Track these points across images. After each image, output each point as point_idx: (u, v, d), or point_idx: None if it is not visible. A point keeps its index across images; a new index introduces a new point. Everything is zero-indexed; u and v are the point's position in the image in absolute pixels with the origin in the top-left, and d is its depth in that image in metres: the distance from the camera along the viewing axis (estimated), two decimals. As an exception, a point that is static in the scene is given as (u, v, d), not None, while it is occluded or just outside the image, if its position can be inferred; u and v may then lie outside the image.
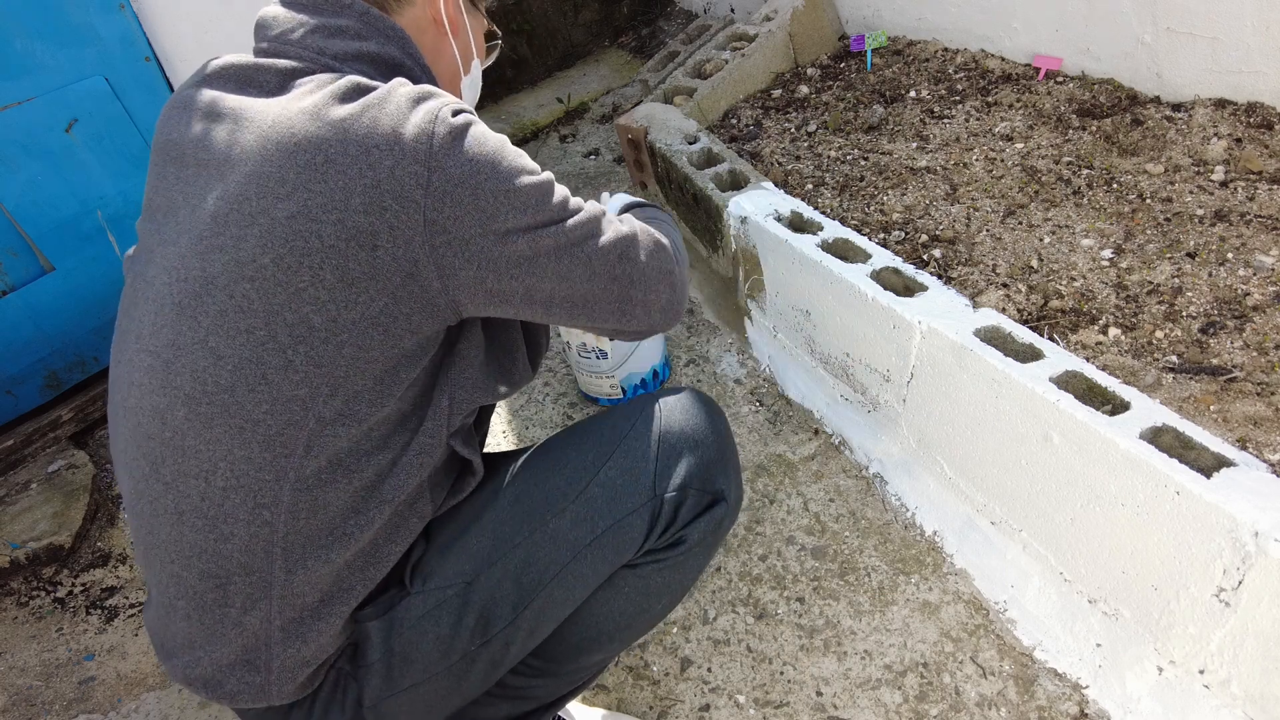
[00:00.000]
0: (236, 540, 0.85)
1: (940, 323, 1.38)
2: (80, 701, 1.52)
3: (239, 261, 0.81)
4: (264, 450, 0.84)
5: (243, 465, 0.84)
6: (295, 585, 0.87)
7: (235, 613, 0.87)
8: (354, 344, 0.83)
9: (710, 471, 1.04)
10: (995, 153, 1.90)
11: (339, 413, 0.85)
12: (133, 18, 1.86)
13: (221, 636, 0.88)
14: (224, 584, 0.87)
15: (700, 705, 1.34)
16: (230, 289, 0.81)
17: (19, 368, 1.95)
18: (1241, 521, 1.01)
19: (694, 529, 1.03)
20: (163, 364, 0.85)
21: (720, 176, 1.95)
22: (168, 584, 0.90)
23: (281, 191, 0.80)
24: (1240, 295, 1.43)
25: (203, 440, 0.84)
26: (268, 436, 0.83)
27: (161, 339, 0.86)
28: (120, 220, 1.97)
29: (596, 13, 3.47)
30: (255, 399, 0.83)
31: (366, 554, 0.91)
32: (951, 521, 1.48)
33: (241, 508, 0.85)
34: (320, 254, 0.80)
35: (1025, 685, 1.28)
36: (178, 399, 0.84)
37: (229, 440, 0.84)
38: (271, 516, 0.84)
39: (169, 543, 0.88)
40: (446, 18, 1.04)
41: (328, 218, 0.80)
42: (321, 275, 0.80)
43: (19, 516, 1.80)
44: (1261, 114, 1.74)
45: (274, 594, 0.86)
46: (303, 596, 0.87)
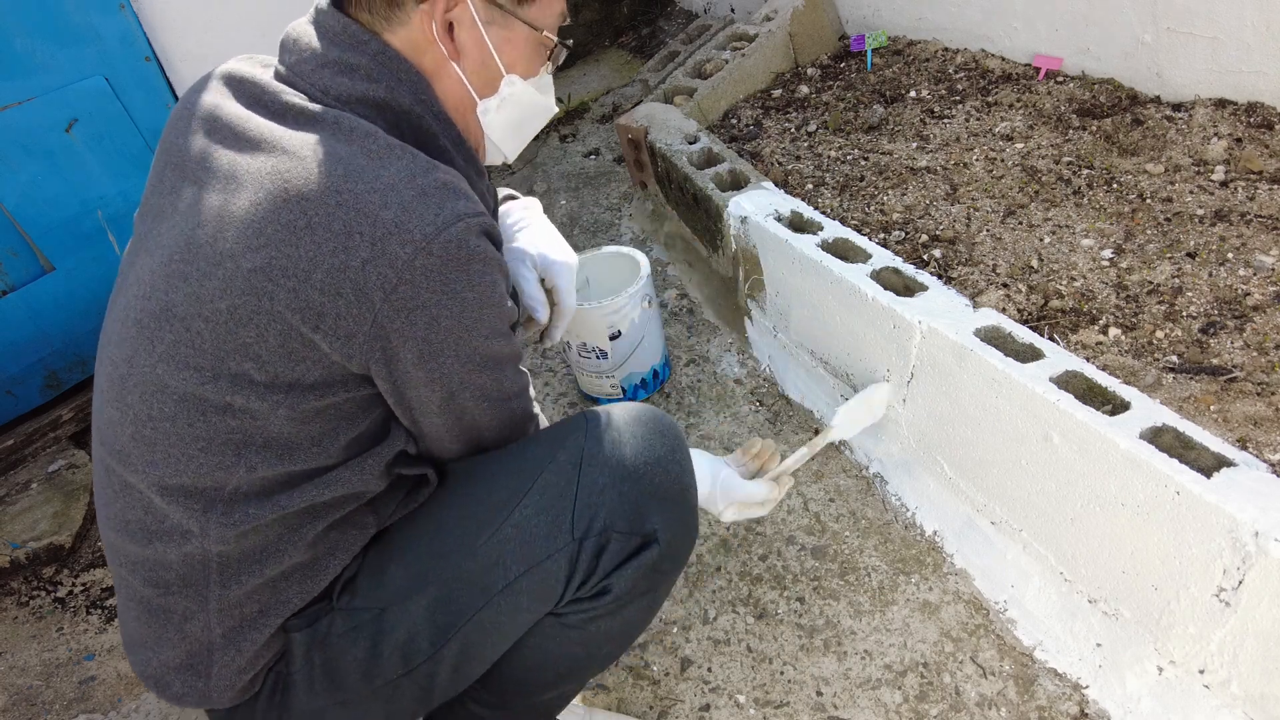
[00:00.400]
0: (172, 557, 0.87)
1: (940, 323, 1.38)
2: (80, 701, 1.52)
3: (199, 298, 0.80)
4: (194, 482, 0.85)
5: (175, 493, 0.85)
6: (230, 598, 0.88)
7: (177, 619, 0.89)
8: (289, 405, 0.82)
9: (641, 509, 0.92)
10: (995, 153, 1.90)
11: (269, 464, 0.85)
12: (133, 18, 1.86)
13: (166, 641, 0.90)
14: (165, 593, 0.88)
15: (700, 705, 1.34)
16: (187, 323, 0.81)
17: (19, 367, 1.95)
18: (1241, 521, 1.01)
19: (619, 577, 0.92)
20: (119, 377, 0.87)
21: (720, 176, 1.95)
22: (121, 587, 0.93)
23: (255, 243, 0.78)
24: (1240, 295, 1.43)
25: (144, 461, 0.85)
26: (199, 472, 0.84)
27: (122, 352, 0.87)
28: (120, 220, 1.97)
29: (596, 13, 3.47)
30: (192, 434, 0.83)
31: (304, 568, 0.90)
32: (951, 521, 1.48)
33: (175, 530, 0.86)
34: (269, 315, 0.78)
35: (1025, 685, 1.28)
36: (127, 415, 0.86)
37: (165, 467, 0.85)
38: (202, 542, 0.86)
39: (119, 549, 0.91)
40: (444, 40, 0.91)
41: (286, 283, 0.78)
42: (266, 337, 0.79)
43: (19, 516, 1.80)
44: (1262, 114, 1.74)
45: (210, 606, 0.88)
46: (240, 608, 0.88)
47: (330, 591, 0.93)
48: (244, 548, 0.87)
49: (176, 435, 0.83)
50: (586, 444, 0.93)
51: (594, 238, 2.44)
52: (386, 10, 0.89)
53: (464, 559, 0.91)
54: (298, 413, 0.83)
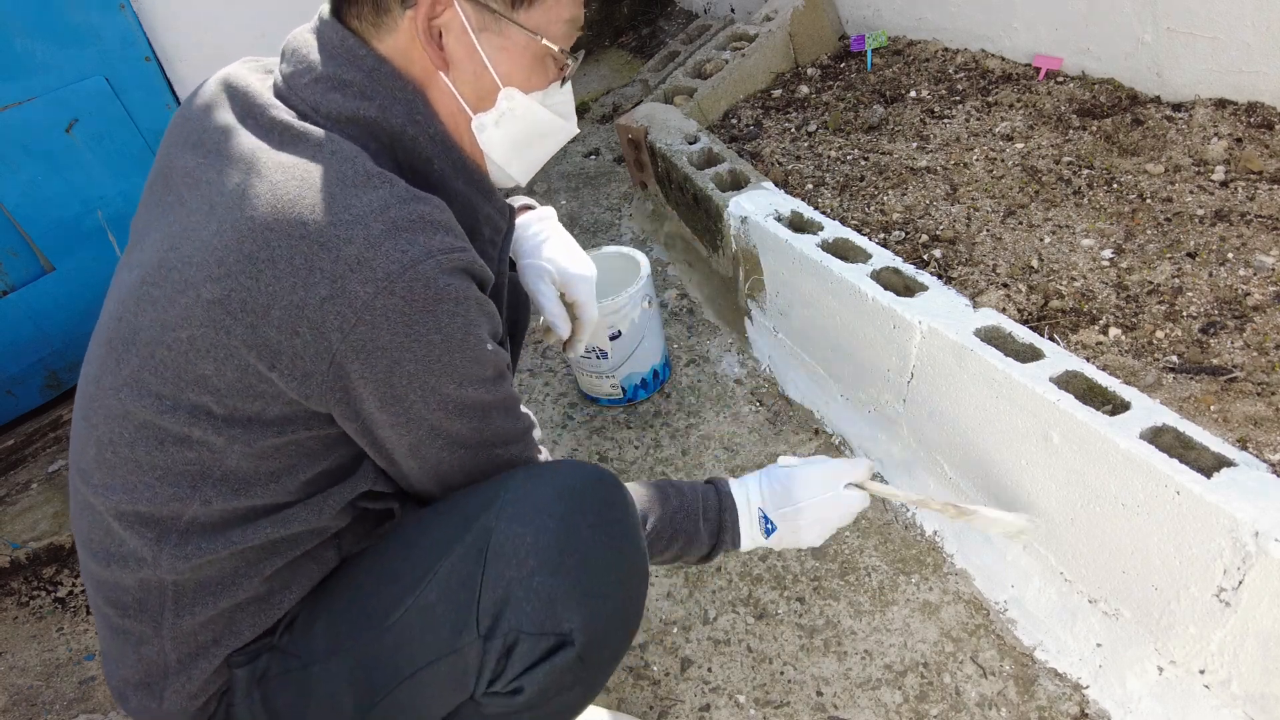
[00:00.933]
0: (129, 581, 0.86)
1: (940, 323, 1.38)
2: (81, 701, 1.52)
3: (163, 324, 0.78)
4: (150, 510, 0.83)
5: (130, 519, 0.84)
6: (184, 627, 0.87)
7: (134, 641, 0.89)
8: (246, 441, 0.80)
9: (554, 605, 0.80)
10: (995, 153, 1.90)
11: (225, 498, 0.83)
12: (133, 18, 1.86)
13: (124, 659, 0.90)
14: (123, 614, 0.88)
15: (700, 705, 1.34)
16: (151, 349, 0.79)
17: (19, 367, 1.95)
18: (1242, 521, 1.01)
19: (530, 680, 0.81)
20: (88, 396, 0.86)
21: (720, 176, 1.95)
22: (90, 599, 0.93)
23: (216, 272, 0.75)
24: (1240, 295, 1.43)
25: (104, 485, 0.84)
26: (155, 501, 0.83)
27: (92, 370, 0.86)
28: (121, 220, 1.97)
29: (596, 13, 3.47)
30: (151, 462, 0.81)
31: (259, 600, 0.89)
32: (951, 521, 1.48)
33: (130, 556, 0.85)
34: (226, 350, 0.76)
35: (1025, 685, 1.28)
36: (91, 436, 0.85)
37: (122, 493, 0.83)
38: (154, 571, 0.85)
39: (84, 564, 0.91)
40: (430, 48, 0.85)
41: (244, 318, 0.74)
42: (224, 371, 0.77)
43: (19, 516, 1.80)
44: (1262, 114, 1.74)
45: (164, 632, 0.87)
46: (194, 636, 0.88)
47: (276, 626, 0.91)
48: (199, 578, 0.85)
49: (135, 462, 0.82)
50: (497, 525, 0.82)
51: (594, 238, 2.44)
52: (374, 17, 0.84)
53: (377, 635, 0.85)
54: (255, 449, 0.80)
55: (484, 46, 0.87)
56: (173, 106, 1.97)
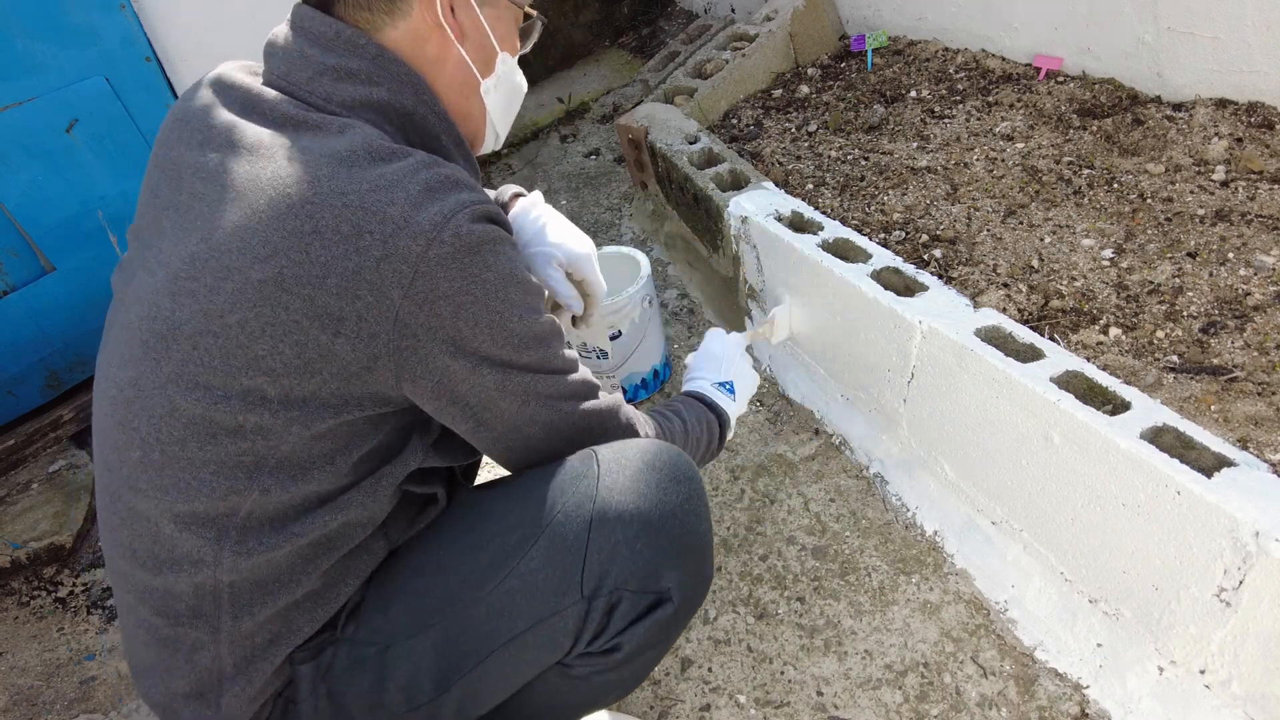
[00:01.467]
0: (183, 587, 0.85)
1: (941, 322, 1.38)
2: (81, 701, 1.52)
3: (207, 313, 0.78)
4: (207, 508, 0.82)
5: (186, 519, 0.83)
6: (242, 629, 0.86)
7: (186, 650, 0.87)
8: (303, 422, 0.81)
9: (655, 565, 0.87)
10: (996, 153, 1.90)
11: (283, 485, 0.83)
12: (133, 18, 1.86)
13: (175, 670, 0.88)
14: (174, 624, 0.86)
15: (701, 705, 1.34)
16: (195, 340, 0.79)
17: (20, 367, 1.95)
18: (1242, 521, 1.01)
19: (630, 636, 0.89)
20: (124, 400, 0.84)
21: (721, 176, 1.95)
22: (127, 613, 0.90)
23: (262, 253, 0.77)
24: (1241, 295, 1.42)
25: (153, 486, 0.83)
26: (212, 497, 0.82)
27: (126, 374, 0.85)
28: (121, 220, 1.97)
29: (597, 13, 3.47)
30: (204, 458, 0.81)
31: (315, 595, 0.89)
32: (952, 521, 1.48)
33: (186, 559, 0.84)
34: (284, 327, 0.77)
35: (1026, 685, 1.28)
36: (134, 439, 0.83)
37: (175, 493, 0.82)
38: (214, 571, 0.84)
39: (126, 576, 0.88)
40: (450, 22, 0.92)
41: (300, 291, 0.76)
42: (280, 349, 0.77)
43: (20, 516, 1.80)
44: (1262, 113, 1.74)
45: (222, 637, 0.86)
46: (251, 638, 0.87)
47: (336, 620, 0.92)
48: (257, 577, 0.85)
49: (186, 459, 0.81)
50: (599, 493, 0.87)
51: (594, 238, 2.44)
52: (388, 5, 0.88)
53: (469, 605, 0.88)
54: (311, 430, 0.81)
55: (485, 16, 0.95)
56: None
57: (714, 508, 1.64)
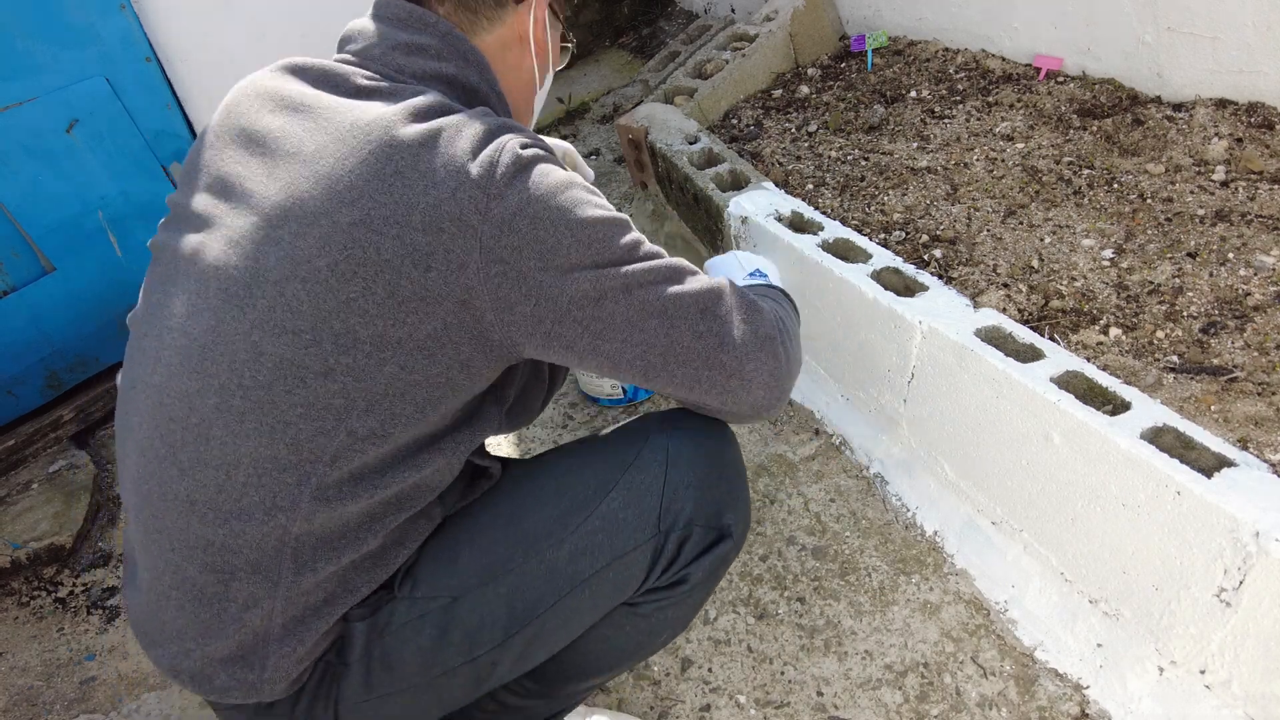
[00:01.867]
0: (248, 538, 0.84)
1: (941, 323, 1.38)
2: (81, 701, 1.52)
3: (294, 260, 0.80)
4: (290, 453, 0.82)
5: (267, 465, 0.83)
6: (302, 585, 0.86)
7: (235, 609, 0.86)
8: (397, 363, 0.82)
9: (719, 506, 0.99)
10: (996, 153, 1.90)
11: (372, 430, 0.83)
12: (133, 18, 1.86)
13: (217, 632, 0.86)
14: (228, 579, 0.85)
15: (701, 705, 1.34)
16: (281, 286, 0.81)
17: (20, 368, 1.95)
18: (1242, 521, 1.01)
19: (697, 567, 0.99)
20: (199, 349, 0.84)
21: (721, 176, 1.95)
22: (164, 572, 0.88)
23: (349, 197, 0.80)
24: (1241, 295, 1.42)
25: (230, 433, 0.83)
26: (296, 441, 0.82)
27: (200, 323, 0.84)
28: (121, 220, 1.97)
29: (597, 13, 3.47)
30: (291, 401, 0.81)
31: (374, 556, 0.89)
32: (952, 522, 1.48)
33: (259, 507, 0.83)
34: (375, 266, 0.79)
35: (1026, 685, 1.28)
36: (210, 387, 0.83)
37: (257, 438, 0.82)
38: (287, 520, 0.83)
39: (174, 531, 0.86)
40: (535, 37, 1.04)
41: (389, 230, 0.79)
42: (373, 289, 0.79)
43: (20, 516, 1.80)
44: (1262, 114, 1.74)
45: (279, 593, 0.85)
46: (307, 596, 0.87)
47: (391, 581, 0.93)
48: (326, 531, 0.85)
49: (272, 403, 0.82)
50: (671, 443, 0.98)
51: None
52: (492, 11, 0.98)
53: (549, 548, 0.94)
54: (404, 373, 0.82)
55: (550, 34, 1.09)
56: (173, 106, 1.97)
57: (714, 508, 1.65)
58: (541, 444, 1.85)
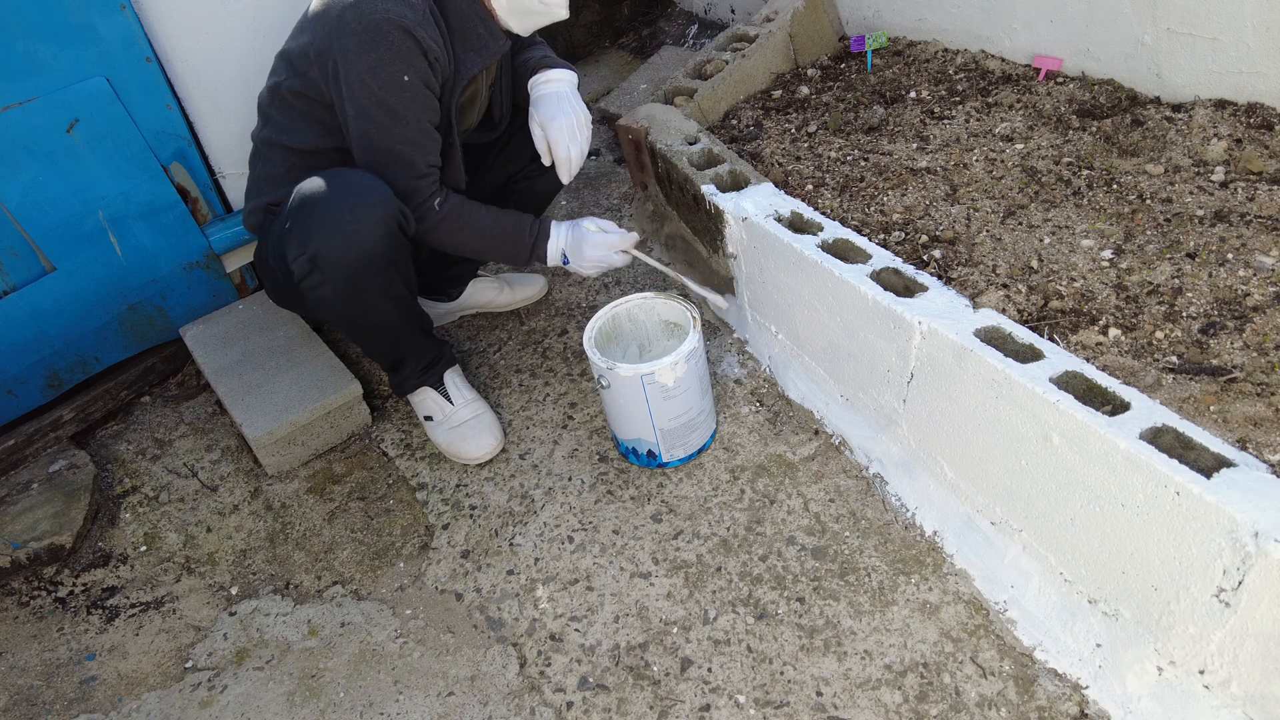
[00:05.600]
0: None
1: (940, 323, 1.38)
2: (81, 701, 1.52)
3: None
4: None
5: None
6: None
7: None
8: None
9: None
10: (995, 153, 1.90)
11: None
12: (134, 18, 1.86)
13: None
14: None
15: (700, 705, 1.34)
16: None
17: (20, 367, 1.95)
18: (1241, 522, 1.01)
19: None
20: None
21: (720, 177, 1.95)
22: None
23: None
24: (1240, 296, 1.43)
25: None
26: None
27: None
28: (121, 220, 1.97)
29: (597, 14, 3.47)
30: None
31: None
32: (951, 522, 1.48)
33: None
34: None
35: (1025, 685, 1.29)
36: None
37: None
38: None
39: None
40: None
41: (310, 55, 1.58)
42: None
43: (20, 516, 1.80)
44: (1261, 114, 1.75)
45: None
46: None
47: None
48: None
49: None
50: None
51: (594, 238, 2.44)
52: None
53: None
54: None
55: None
56: (173, 106, 1.97)
57: (713, 508, 1.64)
58: (541, 443, 1.85)
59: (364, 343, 1.82)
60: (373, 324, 1.71)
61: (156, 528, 1.83)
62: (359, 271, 1.56)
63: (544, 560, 1.62)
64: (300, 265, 1.55)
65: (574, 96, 1.80)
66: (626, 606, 1.51)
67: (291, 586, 1.67)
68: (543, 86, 1.79)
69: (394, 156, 1.56)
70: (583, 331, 1.78)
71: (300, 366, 1.97)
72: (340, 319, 1.71)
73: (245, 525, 1.81)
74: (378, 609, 1.59)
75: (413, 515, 1.77)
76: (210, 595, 1.68)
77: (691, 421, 1.67)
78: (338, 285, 1.57)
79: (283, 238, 1.58)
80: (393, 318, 1.72)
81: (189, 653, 1.58)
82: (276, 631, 1.59)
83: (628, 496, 1.70)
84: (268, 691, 1.49)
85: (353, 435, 1.96)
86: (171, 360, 2.19)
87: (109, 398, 2.08)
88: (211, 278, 2.17)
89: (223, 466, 1.94)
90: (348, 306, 1.63)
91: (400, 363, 1.83)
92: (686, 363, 1.59)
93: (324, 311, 1.69)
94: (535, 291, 2.24)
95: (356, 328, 1.74)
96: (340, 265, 1.54)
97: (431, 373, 1.85)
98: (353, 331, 1.78)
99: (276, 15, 1.99)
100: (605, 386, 1.63)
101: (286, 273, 1.61)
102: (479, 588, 1.60)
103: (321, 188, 1.54)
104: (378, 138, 1.53)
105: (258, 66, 1.90)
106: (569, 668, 1.43)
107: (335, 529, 1.77)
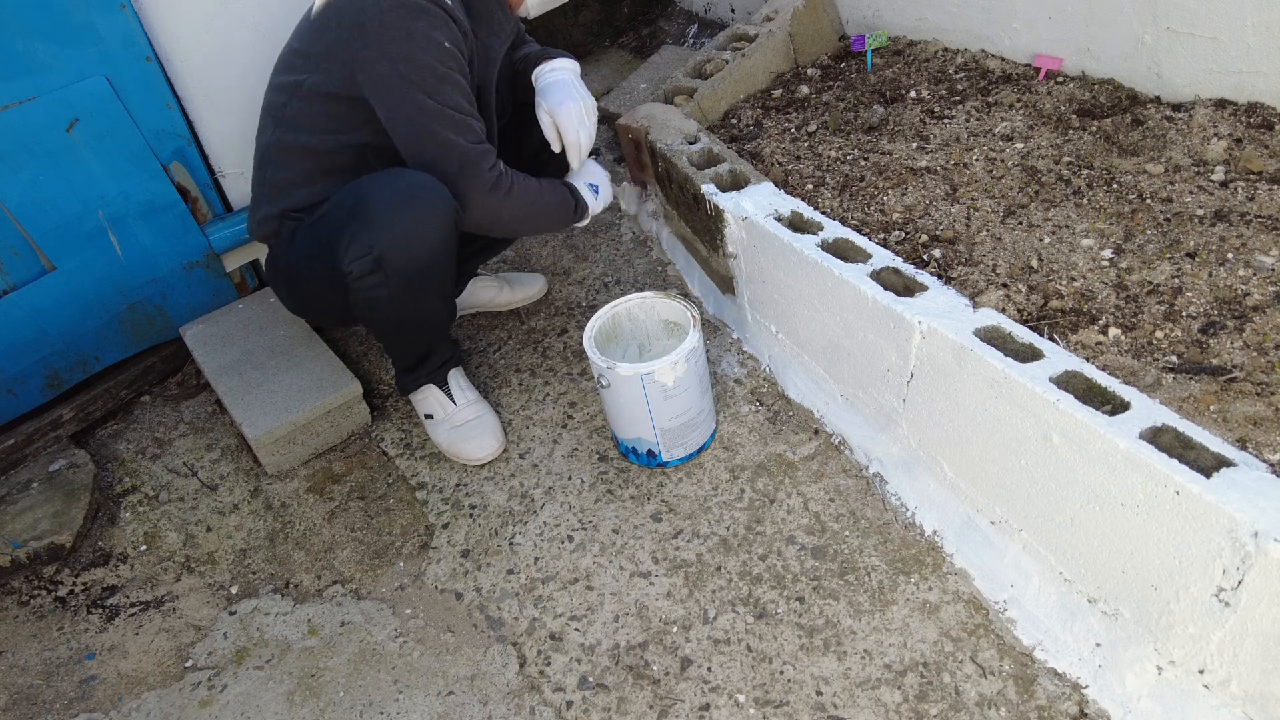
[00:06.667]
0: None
1: (940, 322, 1.38)
2: (81, 700, 1.52)
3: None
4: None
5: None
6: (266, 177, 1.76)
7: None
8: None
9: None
10: (995, 153, 1.90)
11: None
12: (134, 18, 1.86)
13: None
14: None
15: (700, 705, 1.34)
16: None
17: (20, 367, 1.95)
18: (1241, 521, 1.01)
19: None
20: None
21: (720, 176, 1.95)
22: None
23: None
24: (1240, 295, 1.43)
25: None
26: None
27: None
28: (121, 220, 1.97)
29: (597, 13, 3.47)
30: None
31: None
32: (951, 521, 1.48)
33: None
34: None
35: (1025, 685, 1.29)
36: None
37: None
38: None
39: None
40: None
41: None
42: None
43: (20, 515, 1.80)
44: (1262, 114, 1.74)
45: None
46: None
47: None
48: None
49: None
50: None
51: (594, 238, 2.44)
52: None
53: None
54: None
55: None
56: (173, 106, 1.97)
57: (713, 507, 1.65)
58: (541, 442, 1.85)
59: (399, 339, 1.77)
60: (417, 321, 1.71)
61: (156, 527, 1.83)
62: (421, 270, 1.57)
63: (544, 560, 1.62)
64: (361, 265, 1.54)
65: (579, 83, 1.82)
66: (626, 606, 1.51)
67: (291, 586, 1.67)
68: (548, 75, 1.82)
69: (450, 123, 1.53)
70: (582, 331, 1.78)
71: (300, 366, 1.97)
72: (385, 318, 1.68)
73: (245, 524, 1.81)
74: (377, 608, 1.59)
75: (413, 515, 1.77)
76: (210, 594, 1.68)
77: (691, 421, 1.67)
78: (397, 285, 1.57)
79: (335, 240, 1.56)
80: (439, 316, 1.74)
81: (189, 652, 1.58)
82: (276, 631, 1.59)
83: (628, 496, 1.70)
84: (268, 691, 1.49)
85: (353, 435, 1.96)
86: (171, 359, 2.19)
87: (109, 397, 2.08)
88: (211, 277, 2.17)
89: (222, 466, 1.94)
90: (401, 305, 1.62)
91: (423, 359, 1.83)
92: (686, 362, 1.60)
93: (371, 310, 1.65)
94: (535, 291, 2.24)
95: (400, 326, 1.71)
96: (406, 265, 1.54)
97: (438, 371, 1.85)
98: (392, 328, 1.73)
99: (277, 15, 1.99)
100: (605, 386, 1.63)
101: (325, 276, 1.60)
102: (479, 587, 1.60)
103: (381, 188, 1.53)
104: (431, 106, 1.51)
105: (258, 66, 1.90)
106: (569, 667, 1.44)
107: (335, 528, 1.77)
